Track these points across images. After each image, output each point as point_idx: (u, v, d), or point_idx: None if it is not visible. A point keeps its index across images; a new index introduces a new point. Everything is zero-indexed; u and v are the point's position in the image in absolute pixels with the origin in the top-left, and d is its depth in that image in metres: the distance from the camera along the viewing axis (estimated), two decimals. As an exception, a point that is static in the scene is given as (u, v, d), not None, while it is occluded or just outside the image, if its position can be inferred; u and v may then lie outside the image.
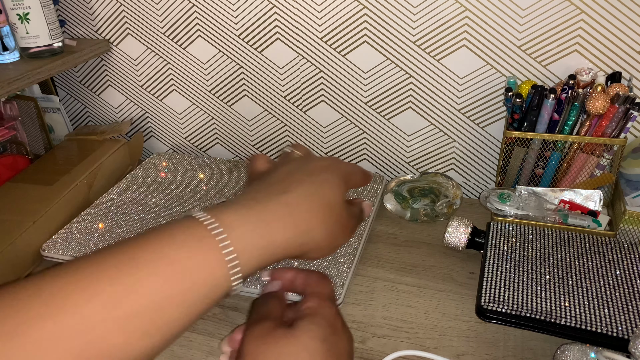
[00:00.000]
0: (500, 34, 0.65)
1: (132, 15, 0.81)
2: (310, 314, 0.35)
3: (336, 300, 0.40)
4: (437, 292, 0.56)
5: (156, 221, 0.66)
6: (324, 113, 0.79)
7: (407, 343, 0.50)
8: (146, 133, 0.93)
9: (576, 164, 0.62)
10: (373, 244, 0.65)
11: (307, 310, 0.35)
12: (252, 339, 0.33)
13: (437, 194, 0.68)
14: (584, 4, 0.61)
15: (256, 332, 0.34)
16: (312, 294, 0.37)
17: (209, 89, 0.84)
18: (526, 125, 0.62)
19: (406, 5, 0.67)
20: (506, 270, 0.53)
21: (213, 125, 0.87)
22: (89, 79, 0.90)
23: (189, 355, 0.50)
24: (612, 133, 0.59)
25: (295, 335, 0.33)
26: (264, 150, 0.86)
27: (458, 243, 0.60)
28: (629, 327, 0.46)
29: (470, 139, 0.74)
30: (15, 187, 0.71)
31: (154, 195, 0.71)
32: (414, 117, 0.75)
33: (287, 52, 0.76)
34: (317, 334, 0.33)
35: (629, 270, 0.52)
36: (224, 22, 0.77)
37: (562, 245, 0.56)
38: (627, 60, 0.63)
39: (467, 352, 0.49)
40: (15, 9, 0.70)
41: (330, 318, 0.35)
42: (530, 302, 0.49)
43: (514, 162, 0.66)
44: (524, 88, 0.63)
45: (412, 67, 0.71)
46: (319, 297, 0.37)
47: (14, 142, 0.83)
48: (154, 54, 0.83)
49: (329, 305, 0.36)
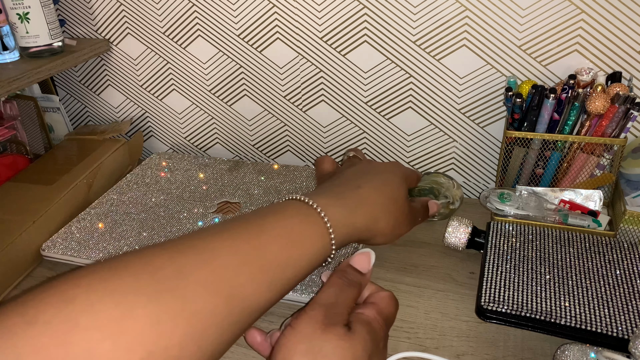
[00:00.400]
0: (501, 34, 0.65)
1: (132, 14, 0.81)
2: (367, 321, 0.37)
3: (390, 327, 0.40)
4: (437, 292, 0.56)
5: (156, 221, 0.66)
6: (324, 113, 0.79)
7: (407, 343, 0.50)
8: (146, 133, 0.93)
9: (576, 164, 0.62)
10: (373, 244, 0.65)
11: (364, 316, 0.37)
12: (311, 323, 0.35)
13: (437, 194, 0.68)
14: (584, 4, 0.61)
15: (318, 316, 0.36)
16: (374, 305, 0.39)
17: (209, 89, 0.84)
18: (526, 125, 0.62)
19: (406, 5, 0.67)
20: (506, 270, 0.53)
21: (213, 125, 0.87)
22: (89, 79, 0.90)
23: (189, 355, 0.50)
24: (612, 133, 0.59)
25: (352, 341, 0.35)
26: (264, 150, 0.86)
27: (458, 243, 0.60)
28: (629, 327, 0.46)
29: (470, 139, 0.74)
30: (15, 187, 0.71)
31: (154, 195, 0.71)
32: (414, 117, 0.75)
33: (287, 51, 0.76)
34: (368, 347, 0.35)
35: (629, 270, 0.52)
36: (224, 22, 0.77)
37: (562, 245, 0.56)
38: (627, 60, 0.63)
39: (467, 352, 0.49)
40: (15, 9, 0.70)
41: (381, 336, 0.37)
42: (530, 302, 0.49)
43: (514, 162, 0.66)
44: (524, 88, 0.63)
45: (412, 67, 0.71)
46: (379, 312, 0.38)
47: (14, 142, 0.83)
48: (154, 54, 0.83)
49: (384, 323, 0.38)
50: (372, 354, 0.36)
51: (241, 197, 0.70)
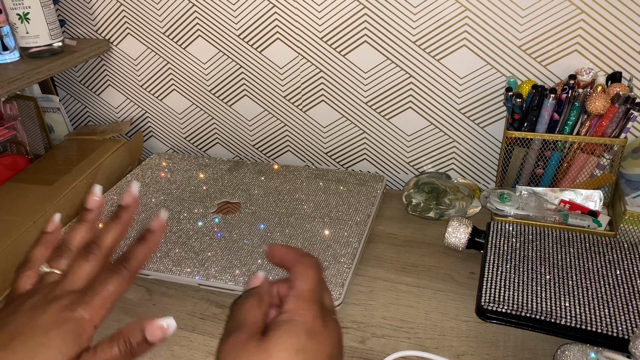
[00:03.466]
0: (501, 34, 0.65)
1: (132, 15, 0.81)
2: (286, 320, 0.34)
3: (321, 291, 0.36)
4: (437, 292, 0.56)
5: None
6: (324, 113, 0.79)
7: (407, 343, 0.50)
8: (146, 133, 0.93)
9: (576, 164, 0.62)
10: (373, 244, 0.65)
11: (284, 316, 0.34)
12: (226, 353, 0.32)
13: (439, 199, 0.68)
14: (584, 4, 0.61)
15: (229, 344, 0.33)
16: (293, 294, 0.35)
17: (209, 89, 0.84)
18: (526, 125, 0.62)
19: (406, 5, 0.67)
20: (506, 270, 0.53)
21: (213, 125, 0.87)
22: (89, 79, 0.90)
23: (189, 355, 0.50)
24: (612, 133, 0.59)
25: (267, 349, 0.32)
26: (264, 150, 0.86)
27: (458, 243, 0.60)
28: (629, 327, 0.46)
29: (470, 139, 0.74)
30: (15, 187, 0.71)
31: (154, 195, 0.71)
32: (414, 117, 0.75)
33: (287, 52, 0.76)
34: (290, 345, 0.32)
35: (629, 270, 0.52)
36: (224, 22, 0.77)
37: (562, 245, 0.56)
38: (627, 60, 0.63)
39: (467, 352, 0.49)
40: (15, 9, 0.70)
41: (308, 322, 0.34)
42: (531, 302, 0.49)
43: (514, 162, 0.66)
44: (524, 88, 0.63)
45: (412, 67, 0.71)
46: (298, 297, 0.35)
47: (14, 142, 0.83)
48: (154, 54, 0.83)
49: (307, 306, 0.35)
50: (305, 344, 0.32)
51: (241, 197, 0.70)
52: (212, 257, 0.59)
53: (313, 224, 0.64)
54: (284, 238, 0.62)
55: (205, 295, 0.58)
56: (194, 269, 0.58)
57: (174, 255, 0.60)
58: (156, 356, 0.50)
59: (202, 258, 0.59)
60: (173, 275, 0.58)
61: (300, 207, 0.67)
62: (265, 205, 0.68)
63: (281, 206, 0.68)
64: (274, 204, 0.68)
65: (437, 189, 0.69)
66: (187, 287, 0.59)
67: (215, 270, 0.57)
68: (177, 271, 0.58)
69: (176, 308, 0.56)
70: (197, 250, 0.60)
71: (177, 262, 0.59)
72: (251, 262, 0.58)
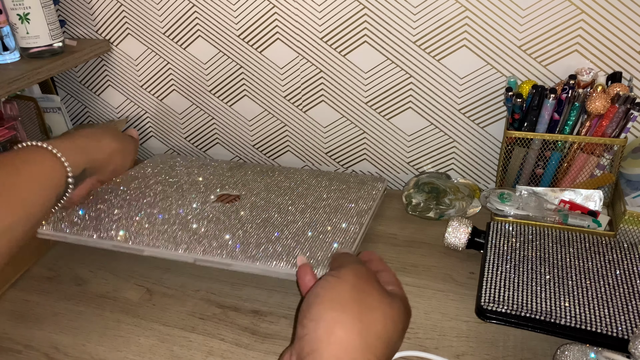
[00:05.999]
0: (501, 34, 0.65)
1: (132, 15, 0.81)
2: (403, 296, 0.41)
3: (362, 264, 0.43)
4: (437, 292, 0.56)
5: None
6: (324, 113, 0.79)
7: (407, 343, 0.50)
8: (146, 133, 0.93)
9: (576, 164, 0.62)
10: (373, 244, 0.65)
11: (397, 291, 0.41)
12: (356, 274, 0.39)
13: (439, 199, 0.68)
14: (584, 4, 0.61)
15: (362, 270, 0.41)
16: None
17: (209, 89, 0.84)
18: (526, 125, 0.62)
19: (406, 5, 0.67)
20: (506, 270, 0.53)
21: (213, 126, 0.87)
22: (89, 79, 0.91)
23: (188, 355, 0.50)
24: (612, 133, 0.59)
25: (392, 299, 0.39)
26: (264, 150, 0.86)
27: (458, 243, 0.60)
28: (629, 327, 0.46)
29: (470, 139, 0.74)
30: (15, 187, 0.71)
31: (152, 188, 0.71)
32: (414, 117, 0.75)
33: (287, 52, 0.76)
34: (402, 315, 0.39)
35: (629, 270, 0.52)
36: (224, 22, 0.77)
37: (562, 245, 0.56)
38: (627, 60, 0.63)
39: (466, 352, 0.49)
40: (16, 9, 0.71)
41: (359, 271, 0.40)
42: (530, 302, 0.49)
43: (514, 162, 0.66)
44: (524, 88, 0.63)
45: (412, 67, 0.71)
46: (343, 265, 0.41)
47: (14, 142, 0.83)
48: (154, 54, 0.83)
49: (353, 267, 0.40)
50: (404, 327, 0.39)
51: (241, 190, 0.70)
52: (206, 233, 0.60)
53: (314, 220, 0.64)
54: (281, 216, 0.61)
55: (205, 295, 0.58)
56: (190, 246, 0.58)
57: (171, 232, 0.60)
58: (156, 356, 0.50)
59: (199, 235, 0.59)
60: (169, 251, 0.58)
61: (300, 202, 0.67)
62: (265, 196, 0.68)
63: (282, 200, 0.67)
64: (274, 198, 0.68)
65: (437, 189, 0.69)
66: (187, 287, 0.59)
67: (212, 247, 0.58)
68: (172, 247, 0.58)
69: (176, 308, 0.56)
70: (194, 229, 0.61)
71: (173, 240, 0.59)
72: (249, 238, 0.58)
